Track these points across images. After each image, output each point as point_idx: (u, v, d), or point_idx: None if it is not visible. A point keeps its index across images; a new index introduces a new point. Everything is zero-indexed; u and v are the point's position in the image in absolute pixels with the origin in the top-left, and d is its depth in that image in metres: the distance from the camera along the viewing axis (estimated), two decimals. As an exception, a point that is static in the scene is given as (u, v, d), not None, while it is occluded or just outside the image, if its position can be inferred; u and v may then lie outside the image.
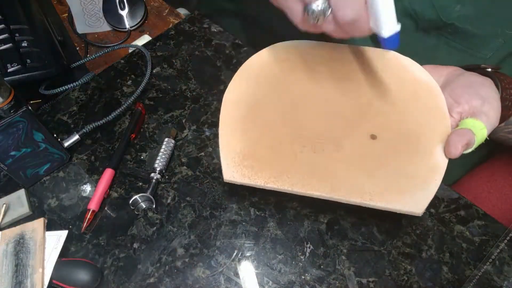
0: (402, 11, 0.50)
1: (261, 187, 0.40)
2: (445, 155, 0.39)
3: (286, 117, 0.43)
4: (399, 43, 0.36)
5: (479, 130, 0.38)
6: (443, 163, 0.39)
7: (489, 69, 0.44)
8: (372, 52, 0.47)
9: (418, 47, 0.51)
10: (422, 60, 0.52)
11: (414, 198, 0.37)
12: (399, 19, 0.50)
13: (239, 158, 0.41)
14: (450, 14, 0.47)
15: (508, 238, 0.41)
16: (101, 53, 0.57)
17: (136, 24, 0.65)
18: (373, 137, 0.41)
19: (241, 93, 0.45)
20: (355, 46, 0.48)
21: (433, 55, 0.50)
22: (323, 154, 0.41)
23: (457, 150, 0.37)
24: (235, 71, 0.54)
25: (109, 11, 0.65)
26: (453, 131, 0.39)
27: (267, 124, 0.43)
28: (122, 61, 0.56)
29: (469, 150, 0.38)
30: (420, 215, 0.37)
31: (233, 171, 0.40)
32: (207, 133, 0.49)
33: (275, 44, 0.49)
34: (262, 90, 0.46)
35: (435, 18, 0.48)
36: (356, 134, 0.42)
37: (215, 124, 0.49)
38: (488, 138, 0.39)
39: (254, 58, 0.48)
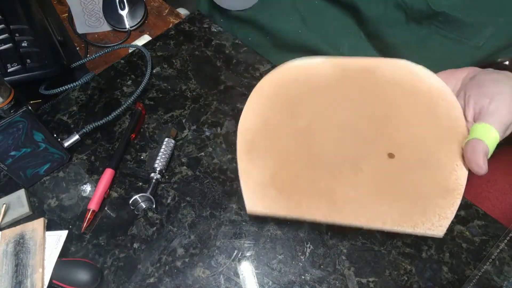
0: (393, 3, 0.50)
1: (283, 218, 0.39)
2: (473, 171, 0.38)
3: (302, 142, 0.43)
4: None
5: (490, 137, 0.37)
6: (462, 180, 0.38)
7: (507, 62, 0.43)
8: (383, 63, 0.46)
9: (410, 38, 0.52)
10: (415, 51, 0.52)
11: (435, 220, 0.37)
12: (390, 10, 0.50)
13: (261, 188, 0.41)
14: (440, 3, 0.47)
15: (508, 238, 0.41)
16: (101, 53, 0.57)
17: (136, 24, 0.65)
18: (391, 155, 0.41)
19: (255, 118, 0.45)
20: (366, 58, 0.47)
21: (425, 45, 0.51)
22: (342, 179, 0.40)
23: (482, 169, 0.36)
24: (235, 71, 0.54)
25: (109, 11, 0.65)
26: (466, 147, 0.38)
27: (283, 150, 0.43)
28: (122, 61, 0.56)
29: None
30: (441, 237, 0.37)
31: (255, 202, 0.40)
32: (207, 133, 0.49)
33: (285, 64, 0.48)
34: (276, 114, 0.45)
35: (425, 7, 0.48)
36: (373, 154, 0.41)
37: (215, 124, 0.50)
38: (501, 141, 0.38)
39: (266, 79, 0.48)
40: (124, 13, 0.65)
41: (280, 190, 0.40)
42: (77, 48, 0.64)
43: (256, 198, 0.40)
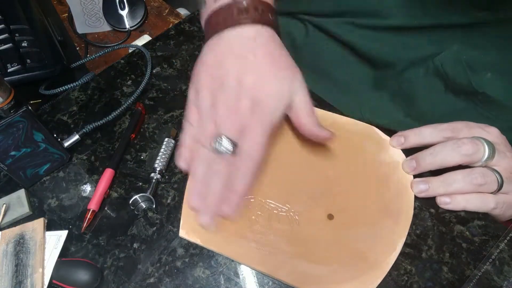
0: (434, 71, 0.48)
1: (211, 250, 0.40)
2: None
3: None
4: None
5: None
6: (392, 260, 0.39)
7: None
8: (354, 125, 0.47)
9: (444, 107, 0.49)
10: (445, 120, 0.48)
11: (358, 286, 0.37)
12: (429, 76, 0.49)
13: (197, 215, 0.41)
14: (481, 81, 0.45)
15: (508, 238, 0.41)
16: (101, 53, 0.57)
17: (136, 24, 0.65)
18: (330, 217, 0.41)
19: None
20: (339, 115, 0.48)
21: (461, 118, 0.47)
22: (277, 227, 0.41)
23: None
24: (235, 71, 0.54)
25: (109, 11, 0.65)
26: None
27: None
28: (122, 61, 0.56)
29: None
30: None
31: (189, 230, 0.41)
32: (207, 133, 0.49)
33: None
34: None
35: (466, 83, 0.46)
36: (314, 211, 0.41)
37: (215, 124, 0.49)
38: None
39: None
40: (124, 13, 0.65)
41: (216, 225, 0.41)
42: (77, 48, 0.64)
43: (191, 226, 0.41)
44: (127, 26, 0.64)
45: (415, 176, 0.43)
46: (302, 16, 0.56)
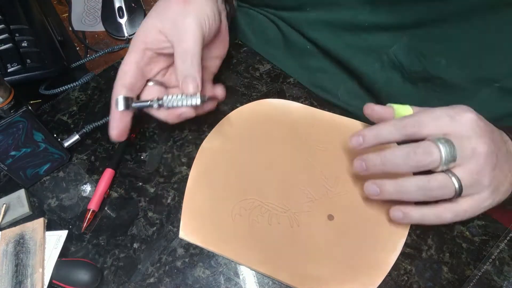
0: (389, 64, 0.49)
1: (211, 251, 0.40)
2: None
3: (252, 180, 0.44)
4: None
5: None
6: (392, 260, 0.39)
7: None
8: (353, 125, 0.47)
9: (407, 99, 0.48)
10: None
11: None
12: (386, 69, 0.49)
13: (199, 217, 0.42)
14: (436, 67, 0.45)
15: (508, 238, 0.41)
16: (101, 53, 0.57)
17: (135, 32, 0.65)
18: (330, 217, 0.41)
19: (218, 145, 0.46)
20: (339, 116, 0.48)
21: (422, 105, 0.46)
22: (277, 228, 0.41)
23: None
24: (235, 71, 0.54)
25: (108, 19, 0.64)
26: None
27: (232, 184, 0.43)
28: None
29: None
30: None
31: (190, 231, 0.41)
32: (207, 133, 0.49)
33: (261, 100, 0.49)
34: (237, 147, 0.46)
35: (422, 70, 0.46)
36: (314, 212, 0.41)
37: (215, 124, 0.49)
38: None
39: (237, 112, 0.49)
40: (123, 21, 0.64)
41: (217, 226, 0.41)
42: (77, 48, 0.64)
43: (192, 227, 0.41)
44: (126, 35, 0.64)
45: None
46: (267, 10, 0.57)
